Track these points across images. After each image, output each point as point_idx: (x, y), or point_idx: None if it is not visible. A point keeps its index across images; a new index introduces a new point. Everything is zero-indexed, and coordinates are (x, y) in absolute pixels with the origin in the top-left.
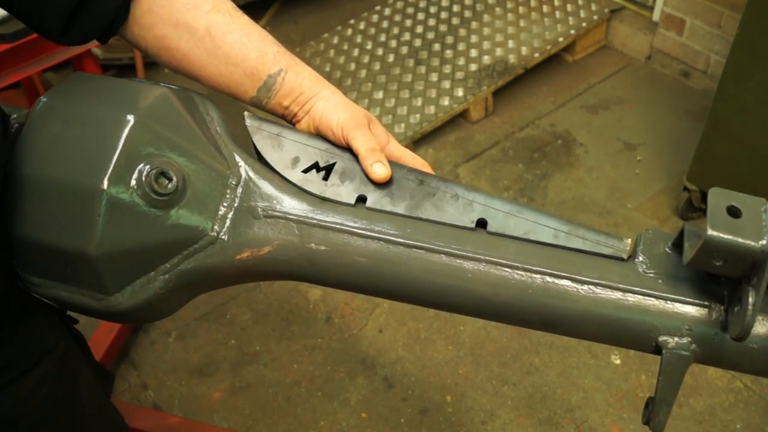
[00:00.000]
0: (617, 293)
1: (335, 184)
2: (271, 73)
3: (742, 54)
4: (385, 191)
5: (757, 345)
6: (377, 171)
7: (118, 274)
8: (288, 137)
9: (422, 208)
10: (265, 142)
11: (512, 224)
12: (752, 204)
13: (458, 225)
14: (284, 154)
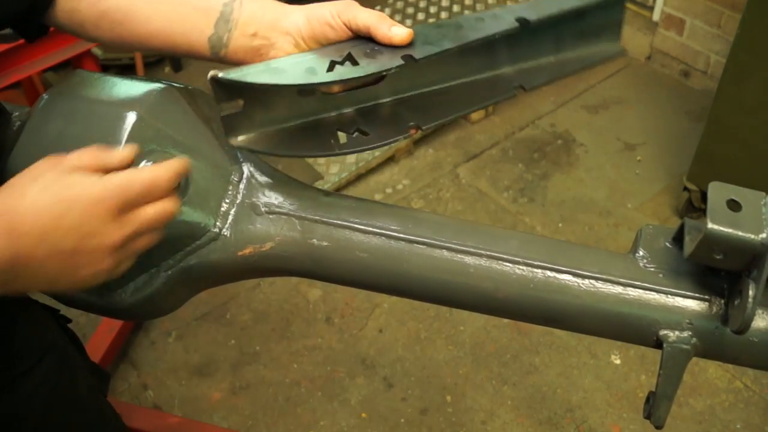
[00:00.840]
0: (618, 287)
1: (370, 62)
2: (226, 1)
3: (742, 54)
4: (419, 43)
5: (758, 338)
6: (398, 32)
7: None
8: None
9: (465, 35)
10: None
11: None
12: (752, 198)
13: (503, 30)
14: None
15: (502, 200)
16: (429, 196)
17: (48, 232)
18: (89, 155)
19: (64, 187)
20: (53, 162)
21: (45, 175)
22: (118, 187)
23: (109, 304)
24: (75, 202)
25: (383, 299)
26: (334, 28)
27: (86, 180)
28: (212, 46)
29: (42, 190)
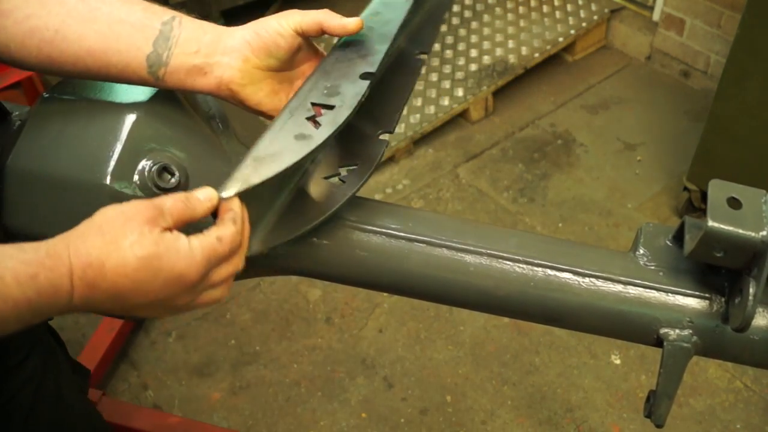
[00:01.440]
0: (618, 286)
1: (342, 97)
2: (165, 19)
3: (742, 54)
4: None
5: (758, 336)
6: (350, 22)
7: None
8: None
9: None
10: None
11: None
12: (752, 195)
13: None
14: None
15: (502, 200)
16: (429, 196)
17: (125, 294)
18: (180, 210)
19: (154, 255)
20: (148, 214)
21: (139, 229)
22: (204, 260)
23: None
24: (160, 272)
25: (383, 299)
26: (283, 36)
27: (175, 248)
28: (150, 65)
29: (133, 248)
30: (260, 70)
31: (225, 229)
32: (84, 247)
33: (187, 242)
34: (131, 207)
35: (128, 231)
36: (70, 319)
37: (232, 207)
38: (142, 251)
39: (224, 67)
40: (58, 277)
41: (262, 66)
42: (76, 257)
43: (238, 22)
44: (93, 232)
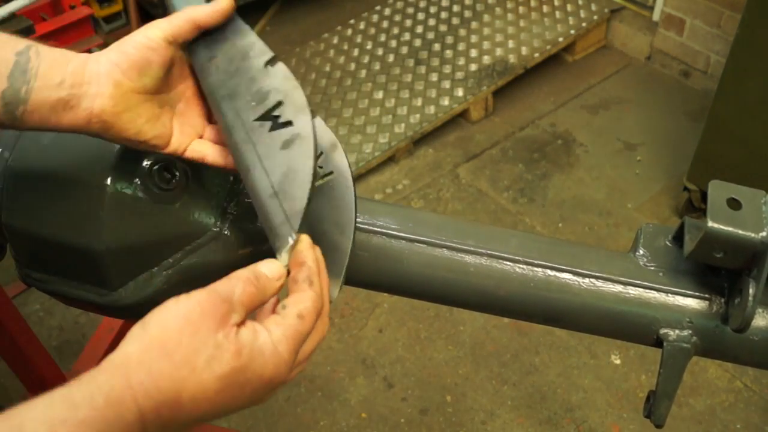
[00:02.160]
0: (618, 286)
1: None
2: (19, 49)
3: (742, 54)
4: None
5: (758, 337)
6: (222, 2)
7: (121, 269)
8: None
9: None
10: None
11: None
12: (752, 196)
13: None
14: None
15: (502, 200)
16: (429, 196)
17: (209, 416)
18: (251, 296)
19: (238, 369)
20: (218, 313)
21: (213, 340)
22: (291, 352)
23: (110, 303)
24: (247, 384)
25: (383, 299)
26: (154, 49)
27: (259, 351)
28: (7, 104)
29: (211, 367)
30: (135, 93)
31: (304, 299)
32: (150, 380)
33: (269, 339)
34: (194, 307)
35: (200, 345)
36: (70, 319)
37: (304, 260)
38: (222, 368)
39: (93, 97)
40: (126, 430)
41: (137, 88)
42: (145, 398)
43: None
44: (156, 354)
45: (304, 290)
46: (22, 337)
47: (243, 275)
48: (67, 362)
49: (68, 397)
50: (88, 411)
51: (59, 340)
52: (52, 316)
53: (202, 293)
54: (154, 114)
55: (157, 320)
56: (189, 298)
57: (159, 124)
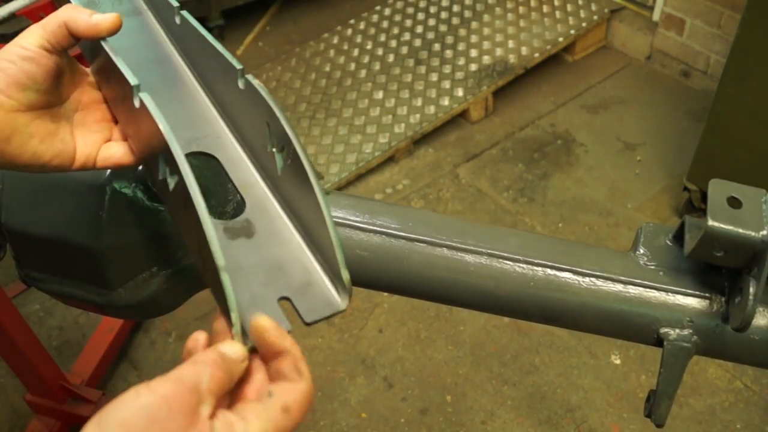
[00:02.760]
0: (618, 285)
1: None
2: None
3: (742, 54)
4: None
5: (758, 336)
6: (103, 20)
7: (121, 269)
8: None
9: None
10: None
11: None
12: (752, 195)
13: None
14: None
15: (502, 200)
16: (429, 196)
17: None
18: (220, 381)
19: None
20: (185, 406)
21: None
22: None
23: (109, 303)
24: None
25: (383, 299)
26: (32, 59)
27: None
28: None
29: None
30: (20, 113)
31: (293, 391)
32: None
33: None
34: (160, 403)
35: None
36: (70, 318)
37: (282, 347)
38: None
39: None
40: None
41: (21, 107)
42: None
43: (238, 22)
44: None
45: (294, 380)
46: (21, 337)
47: (209, 358)
48: (66, 362)
49: None
50: None
51: (59, 340)
52: (51, 316)
53: (165, 385)
54: (48, 131)
55: (118, 421)
56: (152, 391)
57: (57, 141)
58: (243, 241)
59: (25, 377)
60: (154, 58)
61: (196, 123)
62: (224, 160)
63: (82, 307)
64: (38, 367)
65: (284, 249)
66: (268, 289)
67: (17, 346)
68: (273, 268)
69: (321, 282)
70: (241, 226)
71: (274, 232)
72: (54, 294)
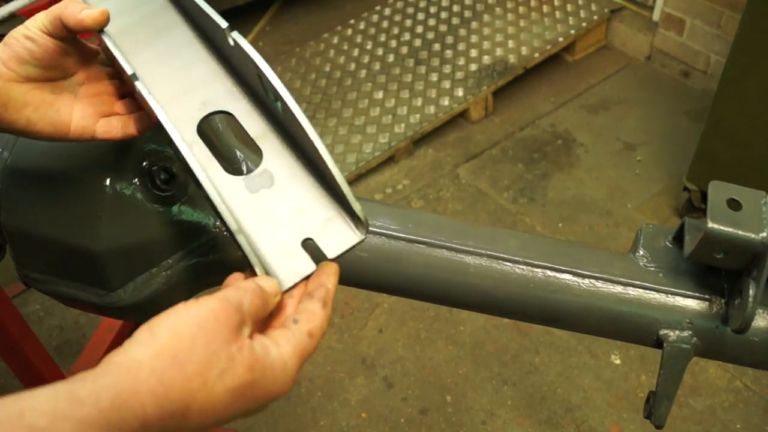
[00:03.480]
0: (618, 287)
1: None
2: None
3: (742, 54)
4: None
5: (758, 338)
6: (88, 15)
7: (120, 270)
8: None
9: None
10: None
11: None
12: (752, 197)
13: None
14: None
15: (502, 200)
16: (429, 196)
17: (210, 426)
18: (258, 308)
19: (248, 384)
20: (231, 323)
21: (226, 352)
22: (297, 369)
23: (109, 304)
24: (254, 400)
25: (383, 299)
26: (33, 39)
27: (270, 367)
28: None
29: (223, 381)
30: (17, 83)
31: (316, 319)
32: (161, 389)
33: (280, 355)
34: (208, 314)
35: (213, 357)
36: (70, 319)
37: (324, 282)
38: (234, 383)
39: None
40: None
41: (20, 77)
42: (153, 407)
43: (238, 22)
44: (167, 362)
45: (317, 310)
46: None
47: (250, 287)
48: (66, 362)
49: (72, 392)
50: (91, 410)
51: (59, 340)
52: (51, 316)
53: (214, 300)
54: (44, 102)
55: (168, 326)
56: (200, 304)
57: (52, 111)
58: (264, 192)
59: (25, 377)
60: (163, 26)
61: (208, 83)
62: (238, 114)
63: (81, 308)
64: (38, 367)
65: (303, 193)
66: (292, 233)
67: (17, 346)
68: (294, 212)
69: (339, 219)
70: (261, 178)
71: (291, 178)
72: (54, 295)
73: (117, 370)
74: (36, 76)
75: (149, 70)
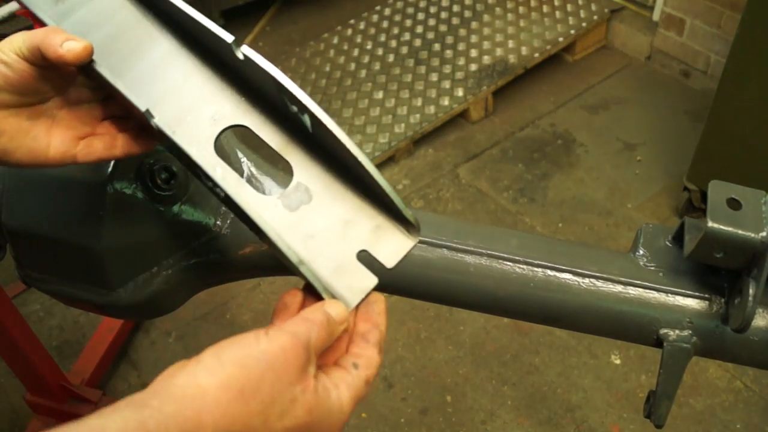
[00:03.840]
0: (618, 286)
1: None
2: None
3: (741, 54)
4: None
5: (758, 337)
6: (69, 50)
7: (121, 270)
8: None
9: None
10: None
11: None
12: (752, 196)
13: None
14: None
15: (502, 200)
16: (429, 196)
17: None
18: (323, 341)
19: (306, 425)
20: (298, 363)
21: (290, 393)
22: (351, 410)
23: (110, 304)
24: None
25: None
26: (8, 64)
27: (328, 410)
28: None
29: (283, 421)
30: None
31: (373, 365)
32: (223, 422)
33: (338, 400)
34: (279, 353)
35: (278, 396)
36: (70, 319)
37: (378, 323)
38: (293, 422)
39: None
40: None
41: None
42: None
43: (238, 22)
44: (233, 396)
45: (374, 357)
46: (21, 336)
47: (318, 319)
48: (67, 362)
49: (142, 423)
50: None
51: (59, 339)
52: (52, 316)
53: (283, 337)
54: (20, 129)
55: (237, 358)
56: (271, 339)
57: (28, 139)
58: (305, 209)
59: (25, 377)
60: (142, 39)
61: (210, 97)
62: (254, 127)
63: (82, 308)
64: (38, 367)
65: (343, 203)
66: (344, 248)
67: (17, 346)
68: (341, 225)
69: (388, 225)
70: (297, 193)
71: (326, 189)
72: (54, 294)
73: (181, 396)
74: (11, 102)
75: (139, 92)
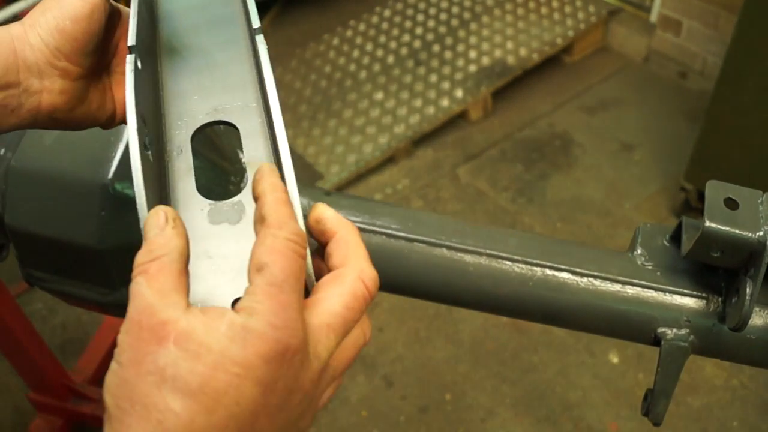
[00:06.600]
0: (616, 285)
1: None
2: None
3: (738, 55)
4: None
5: (755, 336)
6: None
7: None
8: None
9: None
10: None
11: None
12: (749, 196)
13: None
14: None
15: (501, 200)
16: (428, 196)
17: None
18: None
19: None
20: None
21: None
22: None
23: (112, 302)
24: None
25: (383, 298)
26: (92, 17)
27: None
28: None
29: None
30: (83, 79)
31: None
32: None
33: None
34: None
35: (291, 380)
36: (73, 317)
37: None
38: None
39: (38, 95)
40: None
41: (84, 72)
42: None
43: None
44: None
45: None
46: (25, 335)
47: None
48: (70, 360)
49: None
50: None
51: (62, 338)
52: (55, 315)
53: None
54: (102, 90)
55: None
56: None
57: (108, 100)
58: (225, 228)
59: (28, 375)
60: (222, 17)
61: (232, 88)
62: (244, 131)
63: (85, 307)
64: (41, 365)
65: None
66: (227, 286)
67: (21, 344)
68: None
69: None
70: (230, 210)
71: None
72: (57, 294)
73: None
74: (95, 64)
75: (184, 57)
